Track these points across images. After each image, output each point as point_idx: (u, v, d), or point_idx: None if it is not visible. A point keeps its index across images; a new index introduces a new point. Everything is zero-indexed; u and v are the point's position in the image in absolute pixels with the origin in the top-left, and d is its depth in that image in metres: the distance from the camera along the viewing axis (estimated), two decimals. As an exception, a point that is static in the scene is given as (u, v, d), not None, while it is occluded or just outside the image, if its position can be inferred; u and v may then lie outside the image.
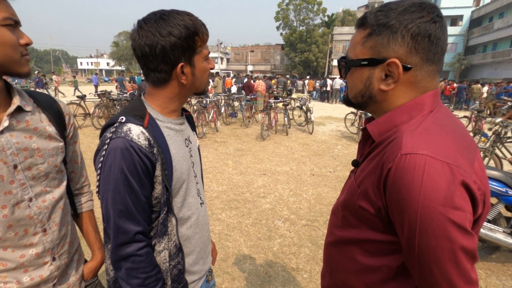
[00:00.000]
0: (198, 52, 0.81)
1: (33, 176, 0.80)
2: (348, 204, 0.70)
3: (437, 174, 0.51)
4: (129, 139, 0.74)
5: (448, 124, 0.61)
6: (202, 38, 0.81)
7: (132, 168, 0.74)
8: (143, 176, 0.76)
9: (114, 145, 0.74)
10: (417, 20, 0.59)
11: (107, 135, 0.77)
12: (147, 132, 0.78)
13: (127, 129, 0.76)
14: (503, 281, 2.38)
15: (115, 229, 0.76)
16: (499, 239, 2.39)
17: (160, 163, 0.79)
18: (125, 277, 0.78)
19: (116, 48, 47.93)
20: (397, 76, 0.62)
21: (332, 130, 8.86)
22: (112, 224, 0.76)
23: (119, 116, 0.79)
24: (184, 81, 0.82)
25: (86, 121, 8.43)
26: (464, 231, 0.52)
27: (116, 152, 0.74)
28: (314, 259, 2.59)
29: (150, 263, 0.79)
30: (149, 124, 0.80)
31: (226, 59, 52.51)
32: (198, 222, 0.95)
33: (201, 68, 0.84)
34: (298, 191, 4.11)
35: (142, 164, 0.76)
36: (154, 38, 0.75)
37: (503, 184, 2.41)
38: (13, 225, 0.77)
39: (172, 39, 0.76)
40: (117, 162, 0.74)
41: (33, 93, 0.90)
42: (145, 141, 0.76)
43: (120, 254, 0.76)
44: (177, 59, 0.78)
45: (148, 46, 0.76)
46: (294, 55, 38.14)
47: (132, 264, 0.77)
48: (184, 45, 0.77)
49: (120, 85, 14.37)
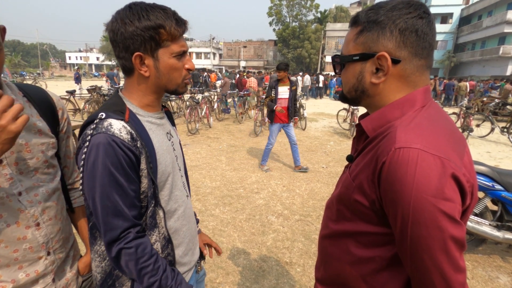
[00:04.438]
0: (164, 46, 0.80)
1: (21, 171, 0.79)
2: (343, 198, 0.72)
3: (429, 167, 0.54)
4: (111, 134, 0.74)
5: (439, 119, 0.63)
6: (169, 32, 0.78)
7: (116, 163, 0.73)
8: (128, 170, 0.76)
9: (96, 141, 0.73)
10: (404, 16, 0.62)
11: (87, 132, 0.76)
12: (129, 126, 0.77)
13: (108, 124, 0.75)
14: (488, 272, 2.47)
15: (104, 226, 0.75)
16: (485, 232, 2.47)
17: (145, 156, 0.79)
18: (127, 271, 0.79)
19: (106, 42, 46.96)
20: (386, 69, 0.64)
21: (324, 126, 8.93)
22: (101, 221, 0.75)
23: (98, 113, 0.78)
24: (145, 73, 0.81)
25: (76, 117, 8.28)
26: (453, 221, 0.54)
27: (98, 148, 0.73)
28: (307, 253, 2.63)
29: (143, 254, 0.78)
30: (130, 118, 0.80)
31: (219, 54, 52.06)
32: (185, 214, 0.97)
33: (167, 64, 0.81)
34: (291, 187, 4.14)
35: (127, 158, 0.75)
36: (116, 25, 0.77)
37: (489, 178, 2.49)
38: (3, 216, 0.76)
39: (131, 27, 0.76)
40: (101, 158, 0.72)
41: (24, 86, 0.87)
42: (127, 135, 0.76)
43: (113, 250, 0.76)
44: (136, 48, 0.78)
45: (112, 32, 0.78)
46: (287, 51, 38.11)
47: (126, 257, 0.76)
48: (145, 35, 0.76)
49: (111, 80, 14.12)
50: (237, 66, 44.51)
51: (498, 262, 2.61)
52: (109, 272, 0.84)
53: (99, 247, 0.84)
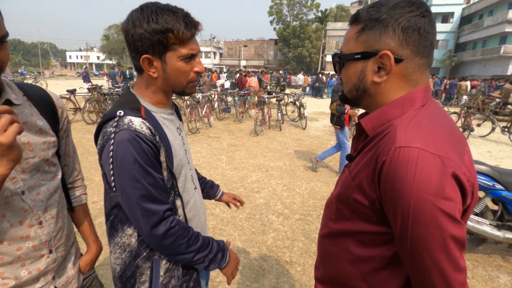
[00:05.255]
0: (171, 49, 0.81)
1: (23, 170, 0.79)
2: (342, 197, 0.72)
3: (429, 166, 0.53)
4: (133, 130, 0.78)
5: (439, 118, 0.63)
6: (177, 36, 0.79)
7: (143, 155, 0.77)
8: (154, 161, 0.81)
9: (121, 137, 0.77)
10: (407, 14, 0.62)
11: (109, 129, 0.79)
12: (147, 122, 0.81)
13: (129, 121, 0.79)
14: (489, 272, 2.47)
15: (144, 214, 0.79)
16: (485, 231, 2.47)
17: (163, 149, 0.83)
18: (173, 251, 0.84)
19: (107, 41, 46.93)
20: (389, 67, 0.64)
21: (325, 126, 8.92)
22: (138, 211, 0.79)
23: (115, 111, 0.81)
24: (154, 74, 0.84)
25: (77, 116, 8.29)
26: (454, 220, 0.54)
27: (124, 144, 0.76)
28: (307, 252, 2.63)
29: (184, 228, 0.85)
30: (146, 115, 0.84)
31: (219, 53, 52.03)
32: (196, 205, 1.01)
33: (174, 67, 0.83)
34: (291, 186, 4.14)
35: (151, 151, 0.79)
36: (127, 26, 0.80)
37: (490, 178, 2.48)
38: (7, 215, 0.76)
39: (139, 30, 0.78)
40: (128, 152, 0.76)
41: (24, 86, 0.88)
42: (147, 130, 0.80)
43: (157, 234, 0.80)
44: (145, 50, 0.80)
45: (124, 32, 0.81)
46: (288, 50, 38.07)
47: (171, 237, 0.81)
48: (153, 39, 0.78)
49: (113, 79, 14.12)
50: (237, 65, 44.48)
51: (499, 262, 2.61)
52: (129, 263, 0.87)
53: (120, 239, 0.87)
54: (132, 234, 0.86)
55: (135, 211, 0.79)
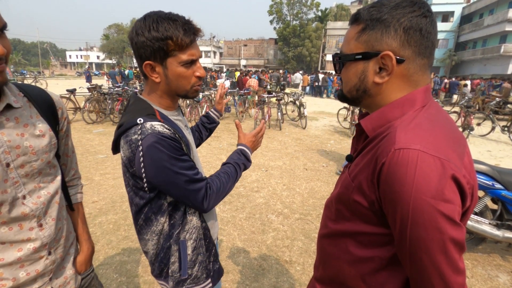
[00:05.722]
0: (172, 55, 0.87)
1: (26, 174, 0.79)
2: (342, 198, 0.72)
3: (429, 168, 0.53)
4: (158, 132, 0.84)
5: (439, 119, 0.63)
6: (177, 43, 0.85)
7: (172, 149, 0.85)
8: (182, 151, 0.89)
9: (149, 142, 0.83)
10: (408, 14, 0.61)
11: (134, 137, 0.84)
12: (165, 125, 0.88)
13: (151, 126, 0.85)
14: (488, 271, 2.47)
15: (192, 193, 0.90)
16: (485, 230, 2.47)
17: (184, 144, 0.92)
18: (221, 199, 0.99)
19: (107, 41, 46.87)
20: (390, 68, 0.63)
21: (325, 125, 8.92)
22: (188, 194, 0.90)
23: (135, 119, 0.87)
24: (156, 79, 0.90)
25: (77, 115, 8.29)
26: (453, 222, 0.54)
27: (154, 146, 0.83)
28: (307, 252, 2.63)
29: (218, 184, 0.98)
30: (162, 118, 0.91)
31: (219, 53, 51.97)
32: None
33: (175, 72, 0.89)
34: (291, 186, 4.14)
35: (177, 145, 0.88)
36: (131, 35, 0.87)
37: (489, 177, 2.48)
38: (7, 221, 0.76)
39: (141, 38, 0.84)
40: (161, 152, 0.83)
41: (24, 86, 0.87)
42: (168, 130, 0.87)
43: (208, 202, 0.93)
44: (147, 57, 0.87)
45: (130, 40, 0.88)
46: (288, 49, 38.03)
47: (215, 193, 0.95)
48: (154, 46, 0.84)
49: (113, 79, 14.11)
50: (237, 64, 44.45)
51: (498, 261, 2.61)
52: (162, 246, 0.98)
53: (156, 227, 0.96)
54: (165, 221, 0.96)
55: (185, 195, 0.90)
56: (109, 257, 2.48)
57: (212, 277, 1.06)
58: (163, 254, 0.98)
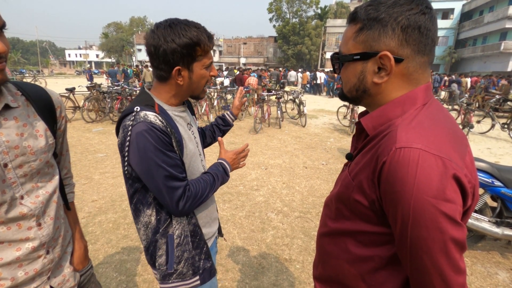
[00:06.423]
0: (198, 60, 0.94)
1: (25, 174, 0.78)
2: (342, 197, 0.71)
3: (430, 168, 0.52)
4: (149, 122, 0.88)
5: (441, 118, 0.62)
6: (203, 48, 0.93)
7: (160, 142, 0.88)
8: (170, 146, 0.92)
9: (138, 129, 0.87)
10: (406, 12, 0.60)
11: (127, 123, 0.89)
12: (160, 116, 0.92)
13: (144, 115, 0.89)
14: (487, 268, 2.47)
15: (169, 191, 0.91)
16: (484, 228, 2.48)
17: (174, 139, 0.94)
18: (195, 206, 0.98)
19: (106, 39, 46.75)
20: (389, 68, 0.62)
21: (324, 123, 8.91)
22: (164, 189, 0.91)
23: (133, 107, 0.92)
24: (181, 82, 0.96)
25: (76, 114, 8.27)
26: (454, 222, 0.53)
27: (142, 134, 0.86)
28: (306, 250, 2.63)
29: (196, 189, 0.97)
30: (159, 110, 0.95)
31: (219, 51, 51.82)
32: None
33: (199, 74, 0.97)
34: (291, 184, 4.15)
35: (166, 138, 0.90)
36: (158, 42, 0.89)
37: (489, 175, 2.48)
38: (5, 221, 0.76)
39: (173, 45, 0.88)
40: (147, 141, 0.86)
41: (22, 85, 0.86)
42: (160, 122, 0.90)
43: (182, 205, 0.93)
44: (176, 62, 0.91)
45: (153, 47, 0.90)
46: (287, 47, 37.93)
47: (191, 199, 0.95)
48: (184, 52, 0.90)
49: (113, 78, 14.08)
50: (237, 62, 44.34)
51: (497, 258, 2.61)
52: (150, 239, 1.01)
53: (143, 219, 1.00)
54: (151, 214, 0.99)
55: (161, 190, 0.91)
56: (109, 256, 2.48)
57: (200, 274, 1.06)
58: (152, 247, 1.01)
